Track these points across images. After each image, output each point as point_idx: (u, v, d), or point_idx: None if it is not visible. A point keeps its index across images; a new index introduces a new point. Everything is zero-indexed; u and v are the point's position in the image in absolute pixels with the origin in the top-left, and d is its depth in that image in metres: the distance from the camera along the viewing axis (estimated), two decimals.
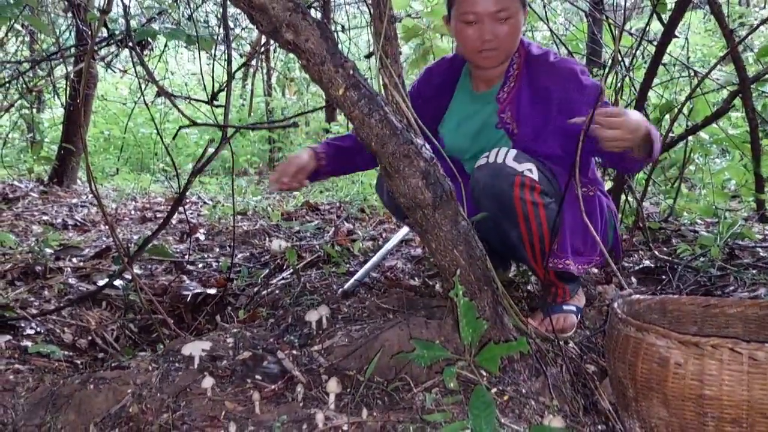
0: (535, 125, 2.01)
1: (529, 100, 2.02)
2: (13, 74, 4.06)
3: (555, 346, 1.93)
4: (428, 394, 1.57)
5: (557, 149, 1.99)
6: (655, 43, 2.98)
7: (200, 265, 3.18)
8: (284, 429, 1.44)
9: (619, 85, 3.08)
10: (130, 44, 2.50)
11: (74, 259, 3.22)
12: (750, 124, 2.84)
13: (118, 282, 2.61)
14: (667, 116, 3.04)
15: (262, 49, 6.71)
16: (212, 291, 2.81)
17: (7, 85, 4.12)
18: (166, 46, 4.77)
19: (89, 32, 3.50)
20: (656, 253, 2.70)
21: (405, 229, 3.06)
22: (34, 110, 5.57)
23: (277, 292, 2.63)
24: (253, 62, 7.56)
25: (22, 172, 5.90)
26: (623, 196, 3.13)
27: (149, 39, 3.52)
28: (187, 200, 5.06)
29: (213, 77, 2.91)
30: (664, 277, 2.54)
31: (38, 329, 2.38)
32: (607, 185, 2.91)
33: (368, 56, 2.25)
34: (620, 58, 3.27)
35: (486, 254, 1.83)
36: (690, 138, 3.04)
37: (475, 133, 2.14)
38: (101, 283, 2.72)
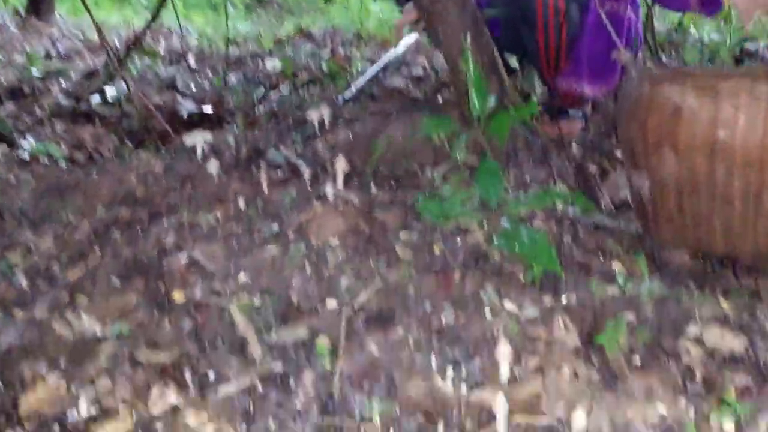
0: None
1: None
2: None
3: (559, 146, 1.93)
4: (435, 173, 1.57)
5: None
6: None
7: (193, 86, 3.10)
8: (294, 203, 1.46)
9: None
10: None
11: (63, 81, 3.12)
12: None
13: (111, 94, 2.55)
14: None
15: None
16: (208, 109, 2.74)
17: None
18: None
19: None
20: (663, 57, 2.63)
21: (409, 38, 2.91)
22: None
23: (274, 105, 2.59)
24: None
25: None
26: None
27: None
28: (172, 31, 4.86)
29: None
30: None
31: (34, 143, 2.34)
32: None
33: None
34: None
35: (494, 43, 1.77)
36: None
37: None
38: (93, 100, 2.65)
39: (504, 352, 0.87)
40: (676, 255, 1.26)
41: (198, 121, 2.77)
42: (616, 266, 1.22)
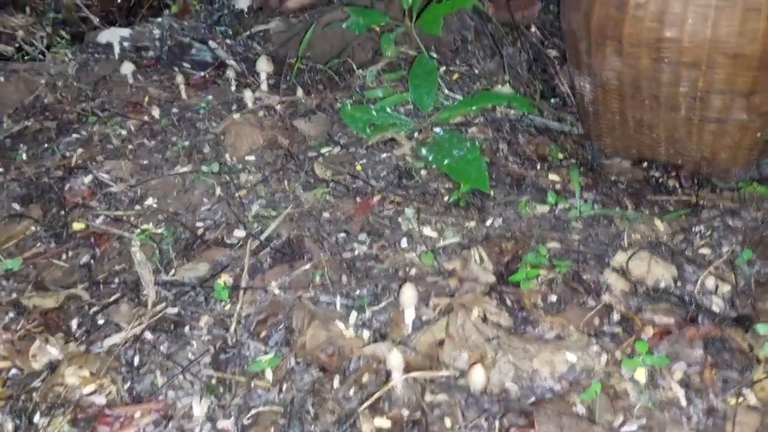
0: None
1: None
2: None
3: (515, 30, 1.76)
4: (369, 72, 1.43)
5: None
6: None
7: None
8: (211, 110, 1.33)
9: None
10: None
11: None
12: None
13: None
14: None
15: None
16: None
17: None
18: None
19: None
20: None
21: None
22: None
23: None
24: None
25: None
26: None
27: None
28: None
29: None
30: None
31: None
32: None
33: None
34: None
35: None
36: None
37: None
38: None
39: (410, 296, 0.80)
40: (618, 162, 1.17)
41: (137, 7, 2.54)
42: (553, 177, 1.13)
